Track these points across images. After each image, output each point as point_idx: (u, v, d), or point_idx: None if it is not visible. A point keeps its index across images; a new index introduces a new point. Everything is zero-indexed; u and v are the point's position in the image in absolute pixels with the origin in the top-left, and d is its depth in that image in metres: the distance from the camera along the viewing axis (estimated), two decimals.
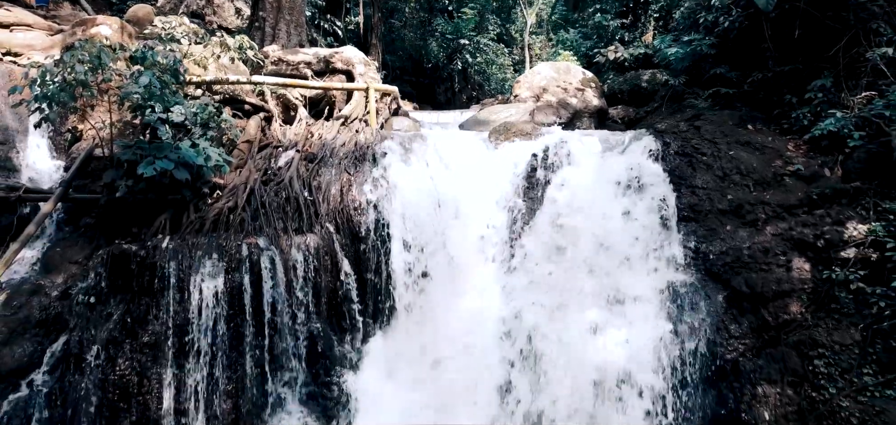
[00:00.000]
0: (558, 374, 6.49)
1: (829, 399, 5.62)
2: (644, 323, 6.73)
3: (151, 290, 6.08)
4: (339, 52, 10.22)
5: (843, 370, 5.70)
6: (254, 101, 8.62)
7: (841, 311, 5.95)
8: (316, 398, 6.46)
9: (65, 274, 6.30)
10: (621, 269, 7.21)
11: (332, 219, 7.29)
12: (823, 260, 6.27)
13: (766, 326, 6.25)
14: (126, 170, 6.58)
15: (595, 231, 7.46)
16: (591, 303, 7.02)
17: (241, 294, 6.27)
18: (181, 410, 5.89)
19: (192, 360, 5.99)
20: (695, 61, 9.68)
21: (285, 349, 6.38)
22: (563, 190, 7.92)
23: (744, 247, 6.77)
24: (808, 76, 7.91)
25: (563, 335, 6.73)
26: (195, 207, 6.93)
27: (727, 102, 8.85)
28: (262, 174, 7.68)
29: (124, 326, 5.95)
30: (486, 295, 7.39)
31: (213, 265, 6.26)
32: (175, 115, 6.97)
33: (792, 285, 6.30)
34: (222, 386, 6.07)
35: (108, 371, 5.77)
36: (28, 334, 5.77)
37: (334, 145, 8.34)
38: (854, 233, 6.21)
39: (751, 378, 6.09)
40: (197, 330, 6.04)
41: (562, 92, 11.97)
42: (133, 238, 6.53)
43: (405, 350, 7.02)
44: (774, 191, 7.19)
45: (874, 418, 5.40)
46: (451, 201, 7.84)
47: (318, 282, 6.78)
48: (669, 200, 7.45)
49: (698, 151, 7.89)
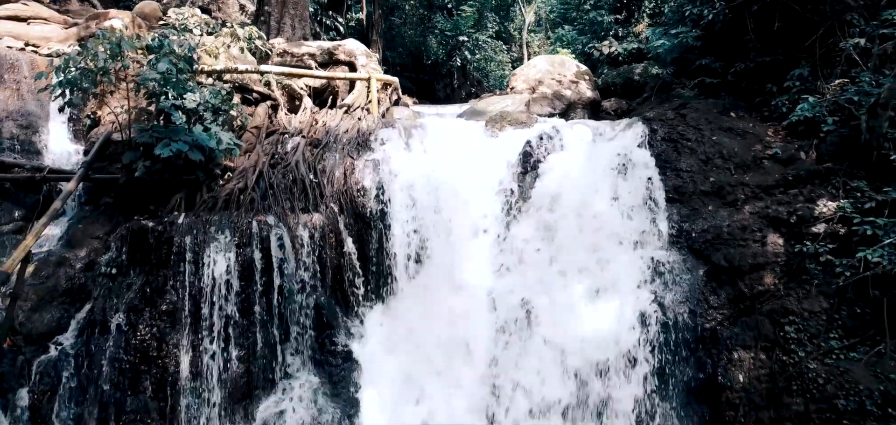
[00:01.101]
0: (548, 343, 6.91)
1: (798, 362, 6.05)
2: (630, 296, 7.15)
3: (168, 263, 6.53)
4: (342, 44, 10.66)
5: (811, 335, 6.14)
6: (261, 90, 9.05)
7: (810, 282, 6.39)
8: (322, 364, 6.90)
9: (87, 248, 6.74)
10: (609, 247, 7.64)
11: (337, 200, 7.73)
12: (796, 235, 6.70)
13: (743, 297, 6.69)
14: (143, 152, 7.03)
15: (585, 212, 7.89)
16: (581, 279, 7.46)
17: (251, 267, 6.72)
18: (197, 373, 6.33)
19: (206, 327, 6.43)
20: (682, 53, 10.12)
21: (293, 319, 6.82)
22: (555, 174, 8.36)
23: (724, 225, 7.20)
24: (788, 66, 8.35)
25: (553, 306, 7.16)
26: (208, 187, 7.38)
27: (712, 91, 9.29)
28: (269, 158, 8.12)
29: (144, 295, 6.40)
30: (481, 271, 7.82)
31: (225, 240, 6.71)
32: (188, 102, 7.40)
33: (766, 258, 6.74)
34: (235, 352, 6.52)
35: (130, 336, 6.22)
36: (55, 302, 6.21)
37: (338, 132, 8.78)
38: (824, 209, 6.65)
39: (727, 344, 6.53)
40: (211, 299, 6.49)
41: (556, 84, 12.41)
42: (150, 215, 6.97)
43: (405, 321, 7.46)
44: (754, 174, 7.62)
45: (838, 378, 5.84)
46: (449, 184, 8.26)
47: (323, 258, 7.22)
48: (655, 183, 7.88)
49: (683, 137, 8.32)
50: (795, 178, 7.18)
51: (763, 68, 8.66)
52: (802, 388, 5.95)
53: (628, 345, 6.81)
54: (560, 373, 6.71)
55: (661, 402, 6.53)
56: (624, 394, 6.60)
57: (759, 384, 6.20)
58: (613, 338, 6.87)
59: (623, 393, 6.60)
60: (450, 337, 7.31)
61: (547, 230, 7.93)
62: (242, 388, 6.48)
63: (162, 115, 7.53)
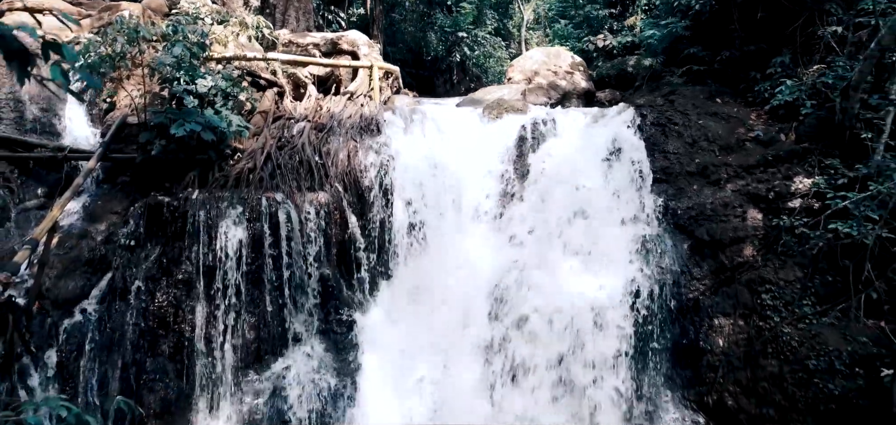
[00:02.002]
0: (543, 311, 7.32)
1: (774, 326, 6.47)
2: (619, 268, 7.56)
3: (183, 235, 6.94)
4: (345, 34, 11.07)
5: (786, 302, 6.55)
6: (268, 77, 9.47)
7: (786, 253, 6.80)
8: (327, 332, 7.32)
9: (106, 222, 7.15)
10: (600, 225, 8.05)
11: (341, 181, 8.13)
12: (773, 210, 7.12)
13: (723, 268, 7.11)
14: (158, 132, 7.43)
15: (577, 191, 8.30)
16: (573, 252, 7.88)
17: (261, 241, 7.13)
18: (211, 338, 6.75)
19: (219, 296, 6.85)
20: (672, 43, 10.53)
21: (300, 290, 7.24)
22: (549, 156, 8.77)
23: (707, 202, 7.62)
24: (771, 54, 8.76)
25: (547, 279, 7.58)
26: (219, 167, 7.78)
27: (699, 79, 9.71)
28: (277, 140, 8.52)
29: (161, 265, 6.81)
30: (478, 248, 8.23)
31: (236, 215, 7.12)
32: (200, 87, 7.81)
33: (746, 232, 7.15)
34: (246, 320, 6.93)
35: (148, 303, 6.63)
36: (78, 271, 6.62)
37: (341, 117, 9.19)
38: (800, 186, 7.07)
39: (708, 312, 6.94)
40: (224, 270, 6.90)
41: (552, 75, 12.81)
42: (165, 192, 7.37)
43: (406, 294, 7.88)
44: (736, 155, 8.04)
45: (810, 340, 6.27)
46: (448, 166, 8.67)
47: (328, 234, 7.63)
48: (644, 164, 8.30)
49: (671, 122, 8.73)
50: (775, 158, 7.60)
51: (747, 56, 9.08)
52: (777, 351, 6.37)
53: (616, 314, 7.22)
54: (551, 338, 7.11)
55: (648, 366, 6.94)
56: (612, 359, 7.01)
57: (737, 348, 6.62)
58: (603, 307, 7.27)
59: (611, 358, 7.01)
60: (448, 308, 7.74)
61: (541, 210, 8.34)
62: (253, 352, 6.90)
63: (174, 100, 7.93)
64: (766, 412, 6.26)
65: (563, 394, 6.96)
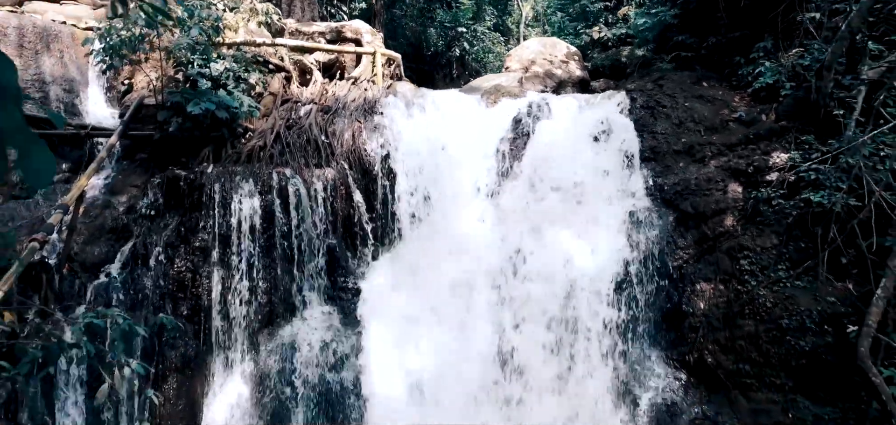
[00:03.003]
0: (537, 279, 7.80)
1: (751, 290, 6.95)
2: (610, 240, 8.04)
3: (200, 207, 7.41)
4: (349, 24, 11.55)
5: (762, 267, 7.02)
6: (277, 62, 9.93)
7: (764, 222, 7.27)
8: (335, 299, 7.80)
9: (127, 194, 7.62)
10: (592, 200, 8.53)
11: (346, 158, 8.61)
12: (753, 183, 7.59)
13: (706, 238, 7.58)
14: (174, 112, 7.91)
15: (570, 170, 8.77)
16: (566, 226, 8.34)
17: (272, 212, 7.60)
18: (226, 301, 7.22)
19: (234, 263, 7.32)
20: (661, 31, 11.00)
21: (309, 258, 7.71)
22: (543, 137, 9.24)
23: (692, 178, 8.09)
24: (754, 40, 9.22)
25: (542, 249, 8.05)
26: (231, 144, 8.26)
27: (687, 64, 10.18)
28: (285, 121, 9.00)
29: (179, 234, 7.29)
30: (476, 222, 8.71)
31: (249, 188, 7.59)
32: (213, 70, 8.28)
33: (727, 204, 7.63)
34: (259, 285, 7.40)
35: (168, 268, 7.11)
36: (103, 238, 7.10)
37: (346, 100, 9.66)
38: (777, 160, 7.54)
39: (691, 278, 7.42)
40: (238, 239, 7.38)
41: (548, 64, 13.27)
42: (182, 167, 7.85)
43: (407, 265, 8.35)
44: (720, 134, 8.51)
45: (784, 302, 6.74)
46: (448, 146, 9.15)
47: (335, 207, 8.11)
48: (633, 144, 8.77)
49: (660, 105, 9.21)
50: (755, 136, 8.07)
51: (732, 42, 9.55)
52: (753, 312, 6.85)
53: (606, 282, 7.69)
54: (545, 303, 7.59)
55: (635, 329, 7.41)
56: (602, 323, 7.49)
57: (717, 310, 7.09)
58: (594, 275, 7.75)
59: (601, 322, 7.49)
60: (448, 278, 8.20)
61: (536, 186, 8.82)
62: (266, 315, 7.37)
63: (189, 82, 8.41)
64: (742, 368, 6.74)
65: (557, 354, 7.43)
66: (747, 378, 6.71)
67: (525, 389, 7.31)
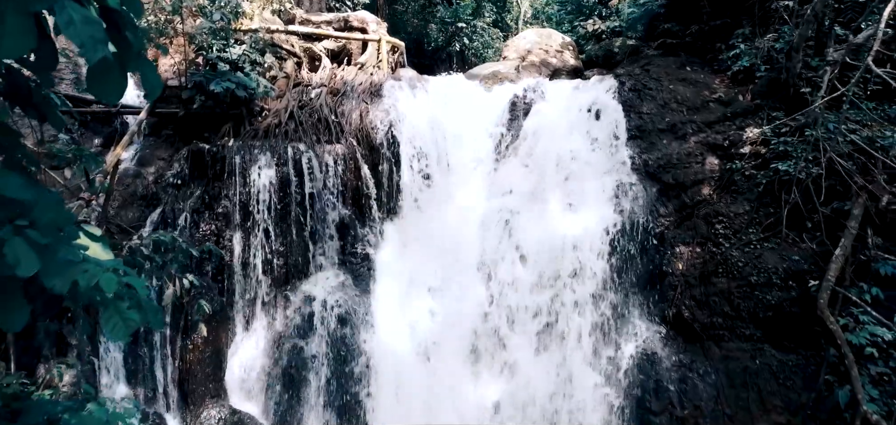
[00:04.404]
0: (530, 244, 8.49)
1: (724, 251, 7.63)
2: (598, 210, 8.72)
3: (222, 177, 8.11)
4: (355, 13, 12.23)
5: (735, 231, 7.71)
6: (288, 49, 10.62)
7: (737, 190, 7.96)
8: (345, 262, 8.49)
9: (155, 166, 8.31)
10: (582, 174, 9.20)
11: (354, 136, 9.30)
12: (728, 156, 8.28)
13: (685, 206, 8.27)
14: (197, 90, 8.59)
15: (562, 147, 9.45)
16: (558, 197, 9.03)
17: (288, 182, 8.29)
18: (246, 262, 7.92)
19: (253, 228, 8.01)
20: (650, 20, 11.69)
21: (322, 225, 8.40)
22: (538, 117, 9.93)
23: (674, 153, 8.78)
24: (734, 27, 9.91)
25: (534, 219, 8.74)
26: (249, 122, 8.96)
27: (672, 51, 10.86)
28: (297, 102, 9.68)
29: (203, 201, 7.98)
30: (475, 196, 9.40)
31: (266, 160, 8.29)
32: (231, 54, 8.98)
33: (705, 175, 8.32)
34: (275, 248, 8.09)
35: (194, 231, 7.80)
36: (135, 204, 7.79)
37: (354, 83, 10.34)
38: (750, 135, 8.23)
39: (671, 242, 8.11)
40: (257, 206, 8.07)
41: (543, 53, 13.95)
42: (204, 142, 8.54)
43: (411, 233, 9.04)
44: (701, 113, 9.20)
45: (754, 261, 7.42)
46: (449, 126, 9.83)
47: (344, 179, 8.80)
48: (621, 123, 9.45)
49: (646, 87, 9.88)
50: (732, 114, 8.77)
51: (714, 29, 10.24)
52: (726, 270, 7.53)
53: (595, 247, 8.38)
54: (538, 265, 8.28)
55: (620, 288, 8.10)
56: (590, 284, 8.17)
57: (693, 269, 7.78)
58: (584, 241, 8.43)
59: (589, 281, 8.18)
60: (449, 244, 8.89)
61: (531, 162, 9.50)
62: (282, 276, 8.07)
63: (209, 65, 9.10)
64: (715, 320, 7.43)
65: (549, 313, 8.12)
66: (720, 329, 7.40)
67: (519, 342, 8.00)
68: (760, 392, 6.91)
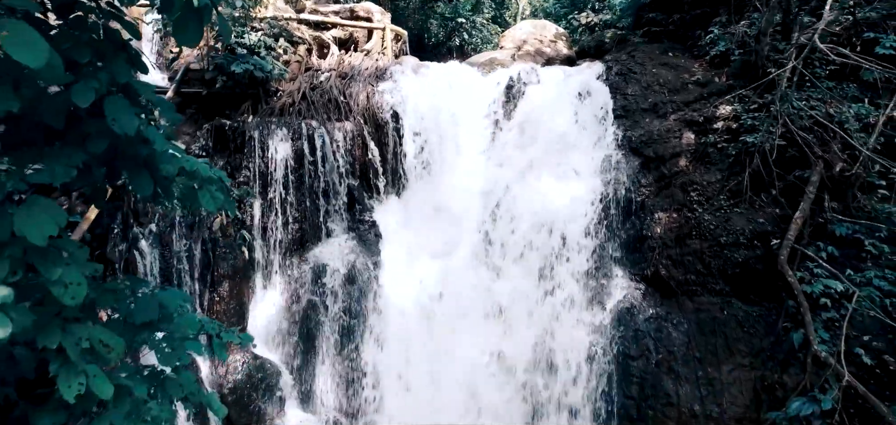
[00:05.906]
0: (525, 213, 9.30)
1: (698, 216, 8.44)
2: (586, 182, 9.53)
3: (242, 150, 8.90)
4: (361, 4, 13.04)
5: (708, 197, 8.52)
6: (299, 36, 11.42)
7: (710, 162, 8.77)
8: (354, 229, 9.30)
9: (181, 141, 9.10)
10: (572, 151, 10.02)
11: (361, 115, 10.11)
12: (703, 131, 9.08)
13: (664, 177, 9.08)
14: (218, 72, 9.40)
15: (553, 126, 10.27)
16: (549, 172, 9.84)
17: (302, 155, 9.09)
18: (265, 227, 8.72)
19: (271, 196, 8.82)
20: (637, 11, 12.49)
21: (333, 195, 9.21)
22: (531, 99, 10.74)
23: (655, 130, 9.58)
24: (712, 15, 10.73)
25: (527, 190, 9.55)
26: (265, 101, 9.77)
27: (656, 38, 11.68)
28: (309, 84, 10.49)
29: (226, 171, 8.77)
30: (473, 170, 10.21)
31: (283, 135, 9.09)
32: (248, 39, 9.78)
33: (682, 149, 9.12)
34: (291, 214, 8.90)
35: None
36: None
37: (360, 68, 11.16)
38: (723, 111, 9.04)
39: (651, 210, 8.91)
40: (274, 176, 8.87)
41: (538, 43, 14.77)
42: (226, 118, 9.34)
43: (414, 206, 9.86)
44: (680, 94, 10.01)
45: (724, 224, 8.22)
46: (449, 107, 10.63)
47: (353, 154, 9.61)
48: (607, 105, 10.27)
49: (631, 71, 10.70)
50: (708, 94, 9.57)
51: (694, 18, 11.05)
52: (699, 233, 8.34)
53: (582, 215, 9.19)
54: (530, 230, 9.09)
55: (605, 251, 8.91)
56: (577, 247, 8.98)
57: (670, 233, 8.59)
58: (572, 210, 9.24)
59: (576, 246, 8.99)
60: (449, 215, 9.71)
61: (524, 140, 10.31)
62: (298, 240, 8.88)
63: (227, 49, 9.90)
64: (689, 278, 8.24)
65: (539, 275, 8.93)
66: (693, 286, 8.20)
67: (512, 302, 8.80)
68: (727, 339, 7.71)
